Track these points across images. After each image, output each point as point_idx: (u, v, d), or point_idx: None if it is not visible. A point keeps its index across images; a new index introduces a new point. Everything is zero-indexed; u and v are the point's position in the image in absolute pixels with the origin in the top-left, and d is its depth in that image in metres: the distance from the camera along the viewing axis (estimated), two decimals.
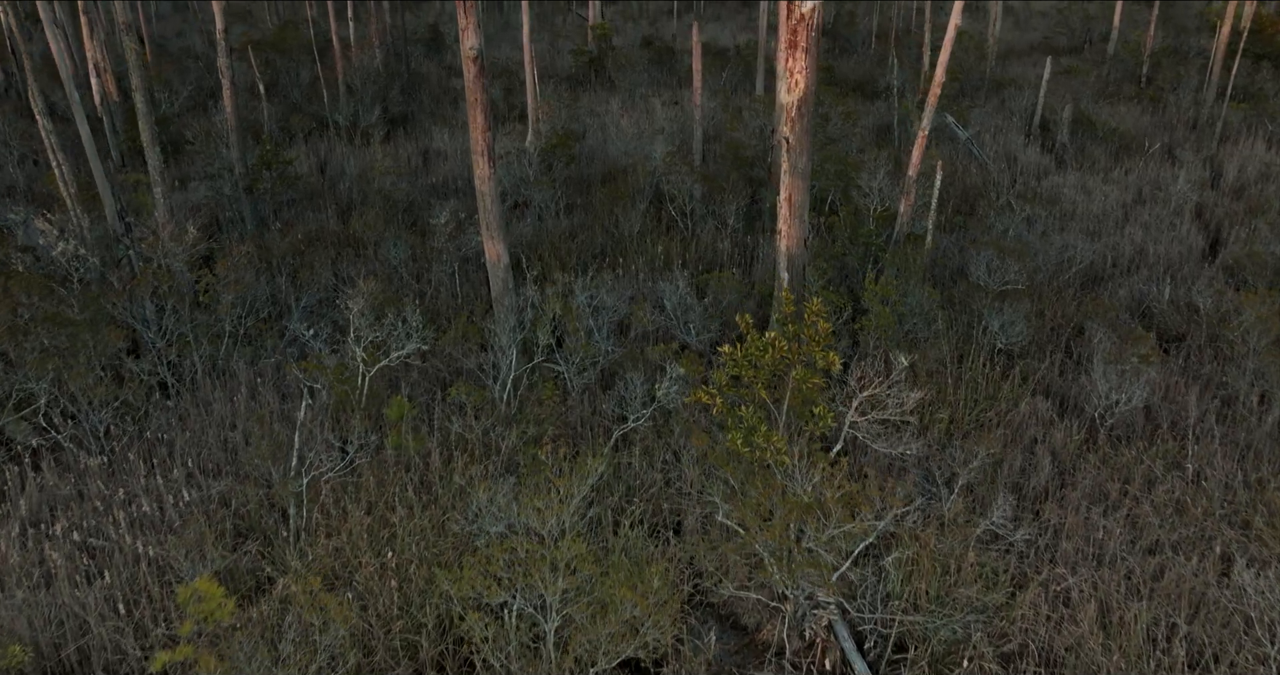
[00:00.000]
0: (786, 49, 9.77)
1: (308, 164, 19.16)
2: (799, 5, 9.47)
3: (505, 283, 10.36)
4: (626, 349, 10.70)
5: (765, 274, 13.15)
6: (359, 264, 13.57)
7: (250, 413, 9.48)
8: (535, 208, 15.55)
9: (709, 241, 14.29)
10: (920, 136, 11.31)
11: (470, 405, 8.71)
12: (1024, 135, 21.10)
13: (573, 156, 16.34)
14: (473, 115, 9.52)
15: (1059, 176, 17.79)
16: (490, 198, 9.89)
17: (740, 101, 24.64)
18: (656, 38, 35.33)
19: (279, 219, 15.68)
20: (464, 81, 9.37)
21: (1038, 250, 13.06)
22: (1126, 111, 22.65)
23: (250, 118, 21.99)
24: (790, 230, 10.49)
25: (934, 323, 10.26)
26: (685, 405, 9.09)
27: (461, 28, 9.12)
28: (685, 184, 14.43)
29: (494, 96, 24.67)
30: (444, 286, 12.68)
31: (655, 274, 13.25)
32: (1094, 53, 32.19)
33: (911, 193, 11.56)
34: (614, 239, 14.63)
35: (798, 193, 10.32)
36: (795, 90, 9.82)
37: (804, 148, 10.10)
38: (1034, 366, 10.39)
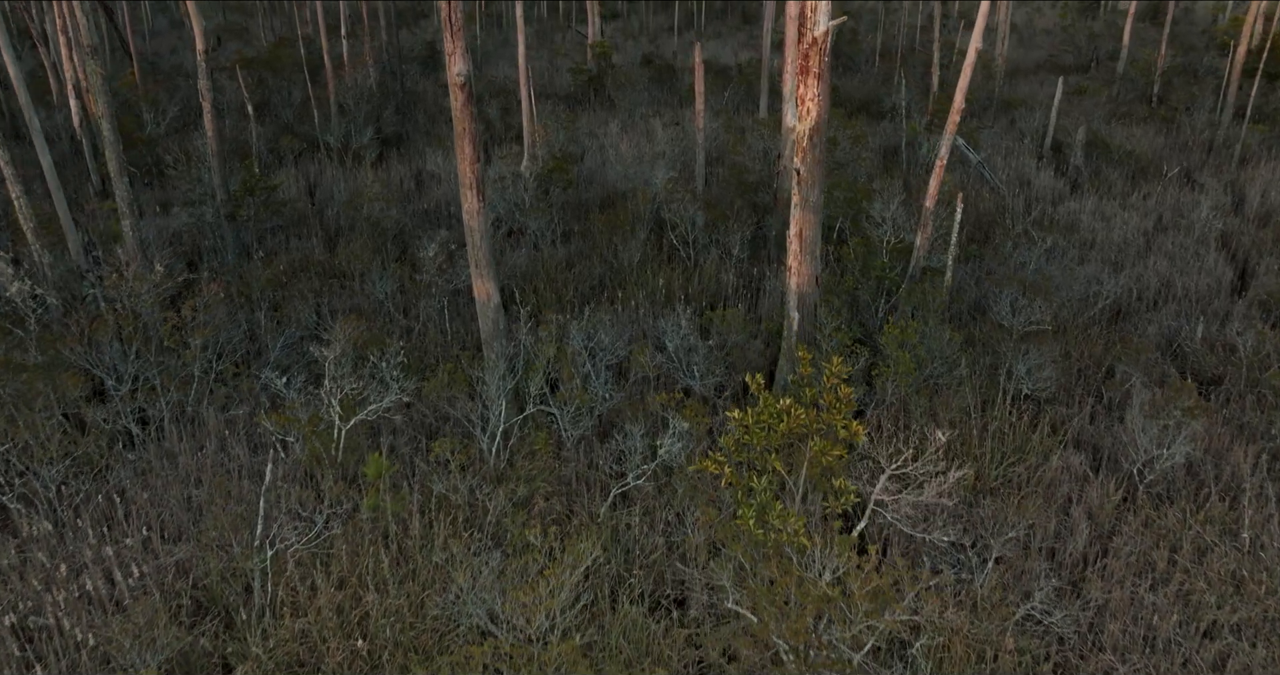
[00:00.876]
0: (798, 75, 9.11)
1: (296, 187, 18.51)
2: (811, 29, 8.82)
3: (496, 323, 9.66)
4: (626, 394, 9.99)
5: (772, 308, 12.45)
6: (344, 297, 12.87)
7: (218, 467, 8.76)
8: (531, 235, 14.87)
9: (712, 272, 13.60)
10: (938, 165, 10.64)
11: (455, 463, 7.98)
12: (1036, 158, 20.47)
13: (570, 181, 15.69)
14: (460, 145, 8.85)
15: (1075, 202, 17.12)
16: (479, 233, 9.21)
17: (743, 121, 24.05)
18: (657, 56, 34.82)
19: (263, 247, 14.99)
20: (451, 109, 8.71)
21: (1060, 284, 12.37)
22: (1140, 133, 22.03)
23: (240, 138, 21.39)
24: (801, 267, 9.81)
25: (956, 367, 9.55)
26: (690, 464, 8.37)
27: (448, 52, 8.46)
28: (687, 212, 13.76)
29: (491, 116, 24.07)
30: (432, 322, 11.98)
31: (656, 308, 12.56)
32: (1102, 72, 31.65)
33: (928, 225, 10.88)
34: (613, 269, 13.94)
35: (809, 227, 9.65)
36: (807, 119, 9.16)
37: (816, 180, 9.43)
38: (1063, 414, 9.68)
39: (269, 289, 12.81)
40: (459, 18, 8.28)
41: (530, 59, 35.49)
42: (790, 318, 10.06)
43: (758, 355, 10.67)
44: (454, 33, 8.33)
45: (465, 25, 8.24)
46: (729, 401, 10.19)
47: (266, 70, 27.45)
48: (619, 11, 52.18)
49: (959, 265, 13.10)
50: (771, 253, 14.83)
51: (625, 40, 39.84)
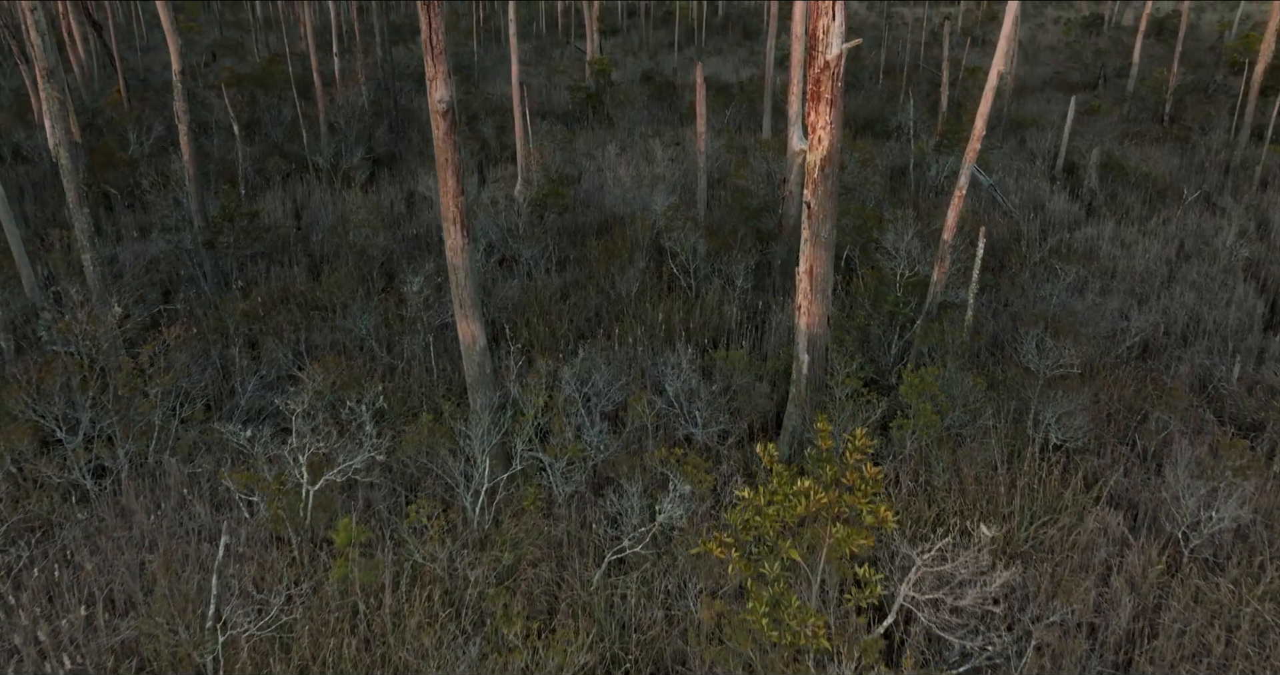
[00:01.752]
0: (808, 101, 8.42)
1: (282, 210, 17.83)
2: (822, 52, 8.14)
3: (482, 368, 8.94)
4: (622, 442, 9.25)
5: (779, 345, 11.74)
6: (325, 331, 12.15)
7: (176, 526, 8.01)
8: (524, 263, 14.17)
9: (714, 304, 12.89)
10: (956, 196, 9.95)
11: (434, 529, 7.24)
12: (1049, 180, 19.81)
13: (566, 206, 15.00)
14: (443, 177, 8.15)
15: (1092, 227, 16.44)
16: (464, 271, 8.50)
17: (745, 140, 23.42)
18: (657, 73, 34.26)
19: (243, 276, 14.29)
20: (433, 138, 8.02)
21: (1085, 319, 11.65)
22: (1154, 153, 21.38)
23: (228, 158, 20.73)
24: (812, 306, 9.09)
25: (980, 416, 8.82)
26: (690, 527, 7.63)
27: (429, 77, 7.78)
28: (688, 240, 13.06)
29: (486, 135, 23.45)
30: (417, 360, 11.25)
31: (655, 344, 11.85)
32: (1111, 89, 31.07)
33: (945, 258, 10.18)
34: (610, 299, 13.24)
35: (820, 264, 8.94)
36: (818, 148, 8.47)
37: (828, 213, 8.73)
38: (1095, 465, 8.94)
39: (244, 323, 12.09)
40: (440, 39, 7.60)
41: (528, 75, 34.98)
42: (800, 360, 9.34)
43: (764, 399, 9.95)
44: (435, 55, 7.65)
45: (449, 46, 7.62)
46: (733, 449, 9.46)
47: (258, 88, 26.87)
48: (619, 27, 51.75)
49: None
50: (777, 281, 14.14)
51: (625, 56, 39.32)
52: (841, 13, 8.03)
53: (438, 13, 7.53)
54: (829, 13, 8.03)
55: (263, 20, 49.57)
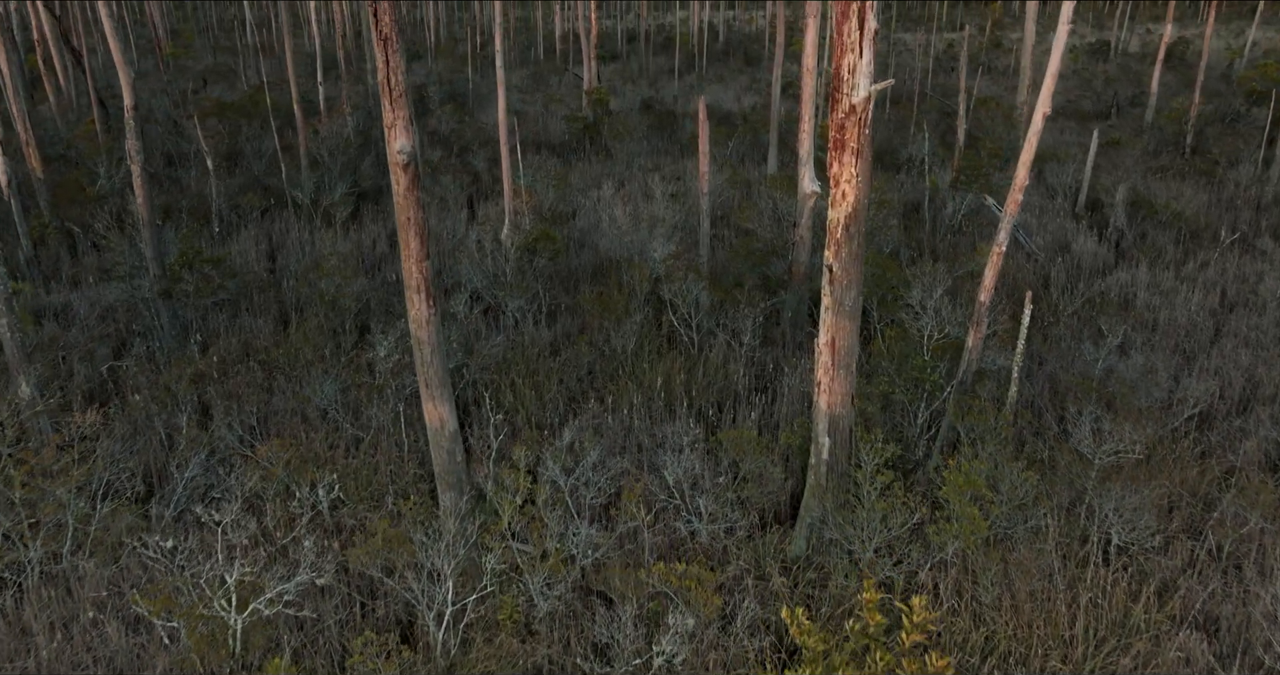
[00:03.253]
0: (831, 150, 7.26)
1: (256, 251, 16.68)
2: (848, 94, 6.99)
3: (452, 455, 7.71)
4: (615, 540, 8.00)
5: (792, 413, 10.51)
6: (287, 395, 10.92)
7: (82, 651, 6.75)
8: (510, 314, 12.98)
9: (719, 362, 11.68)
10: (995, 254, 8.76)
11: (387, 671, 5.97)
12: (1072, 218, 18.68)
13: (558, 251, 13.83)
14: (404, 238, 6.98)
15: (1123, 271, 15.25)
16: (430, 347, 7.29)
17: (749, 174, 22.32)
18: (657, 101, 33.30)
19: (205, 327, 13.09)
20: (393, 193, 6.86)
21: (1134, 384, 10.43)
22: (1181, 189, 20.27)
23: (204, 193, 19.62)
24: (834, 384, 7.88)
25: (1031, 515, 7.58)
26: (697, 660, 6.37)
27: (387, 125, 6.63)
28: (690, 292, 11.87)
29: (478, 168, 22.35)
30: (386, 432, 10.01)
31: (653, 411, 10.62)
32: (1126, 120, 30.07)
33: (982, 322, 8.98)
34: (604, 356, 12.04)
35: (844, 336, 7.74)
36: (842, 204, 7.30)
37: (852, 279, 7.54)
38: (1165, 569, 7.68)
39: (197, 387, 10.88)
40: (400, 80, 6.45)
41: (524, 104, 33.97)
42: (819, 444, 8.12)
43: (777, 485, 8.70)
44: (394, 99, 6.50)
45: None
46: (742, 544, 8.21)
47: (241, 117, 25.84)
48: (619, 53, 50.97)
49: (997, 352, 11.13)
50: (787, 333, 12.95)
51: (624, 84, 38.39)
52: (870, 50, 6.89)
53: (396, 51, 6.38)
54: (855, 49, 6.89)
55: (254, 47, 48.82)
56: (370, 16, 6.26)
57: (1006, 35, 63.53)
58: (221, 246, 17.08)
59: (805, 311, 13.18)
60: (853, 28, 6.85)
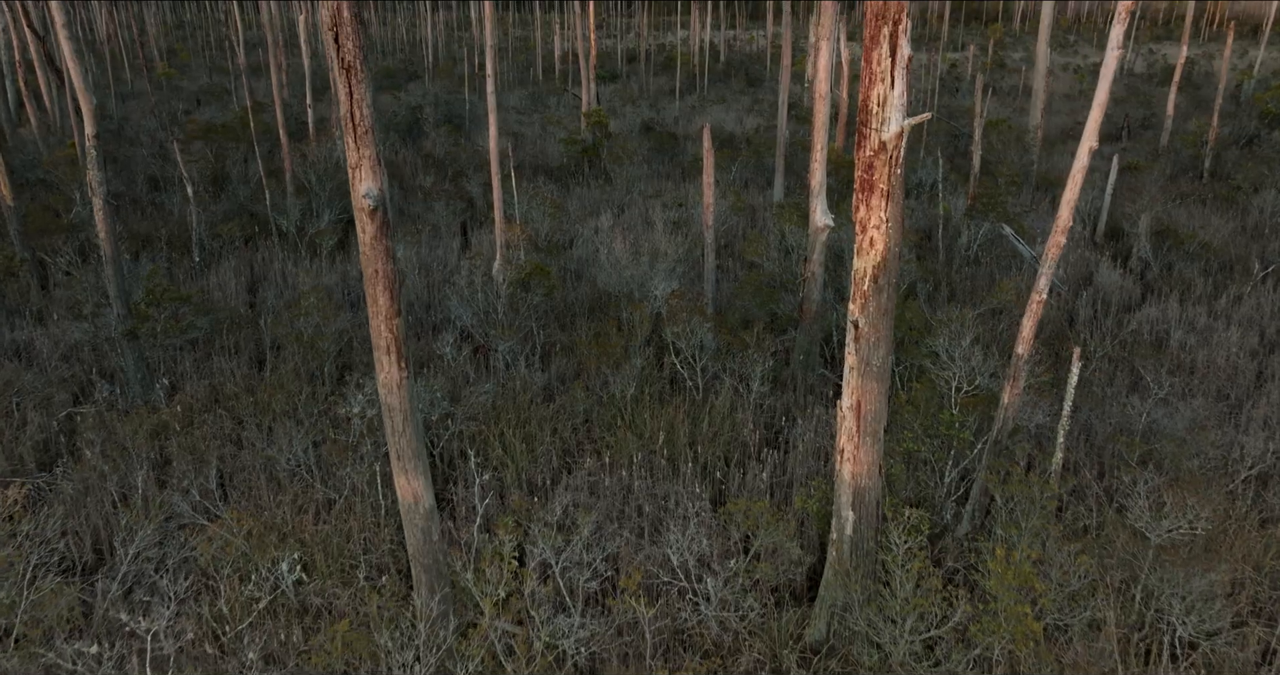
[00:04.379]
0: (859, 191, 6.41)
1: (236, 283, 15.83)
2: (877, 129, 6.15)
3: (427, 534, 6.80)
4: (612, 629, 7.08)
5: (806, 473, 9.61)
6: (257, 449, 10.02)
7: None
8: (501, 356, 12.10)
9: (726, 410, 10.79)
10: (1035, 303, 7.90)
11: None
12: (1091, 247, 17.86)
13: (552, 286, 12.98)
14: (372, 294, 6.11)
15: (1152, 307, 14.40)
16: (402, 414, 6.41)
17: (753, 199, 21.54)
18: (658, 122, 32.61)
19: (174, 369, 12.22)
20: (359, 243, 6.00)
21: (1178, 437, 9.54)
22: (1203, 216, 19.46)
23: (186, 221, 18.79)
24: (859, 453, 6.99)
25: (1087, 605, 6.67)
26: None
27: (351, 166, 5.78)
28: (695, 336, 11.01)
29: (473, 194, 21.55)
30: (360, 494, 9.11)
31: (655, 467, 9.73)
32: (1139, 143, 29.31)
33: (1019, 377, 8.10)
34: (601, 403, 11.15)
35: (871, 399, 6.85)
36: (870, 252, 6.44)
37: (881, 336, 6.67)
38: (1239, 664, 6.76)
39: (157, 439, 9.99)
40: (366, 114, 5.61)
41: (522, 125, 33.23)
42: (841, 518, 7.22)
43: (793, 563, 7.79)
44: (359, 136, 5.65)
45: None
46: (754, 631, 7.30)
47: (230, 140, 25.09)
48: (618, 73, 50.41)
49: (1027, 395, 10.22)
50: (797, 376, 12.08)
51: (624, 105, 37.73)
52: (903, 80, 6.05)
53: (361, 81, 5.54)
54: (885, 79, 6.05)
55: (248, 67, 48.24)
56: (330, 42, 5.45)
57: (1009, 55, 63.07)
58: (201, 277, 16.26)
59: (817, 352, 12.32)
60: (883, 55, 6.01)
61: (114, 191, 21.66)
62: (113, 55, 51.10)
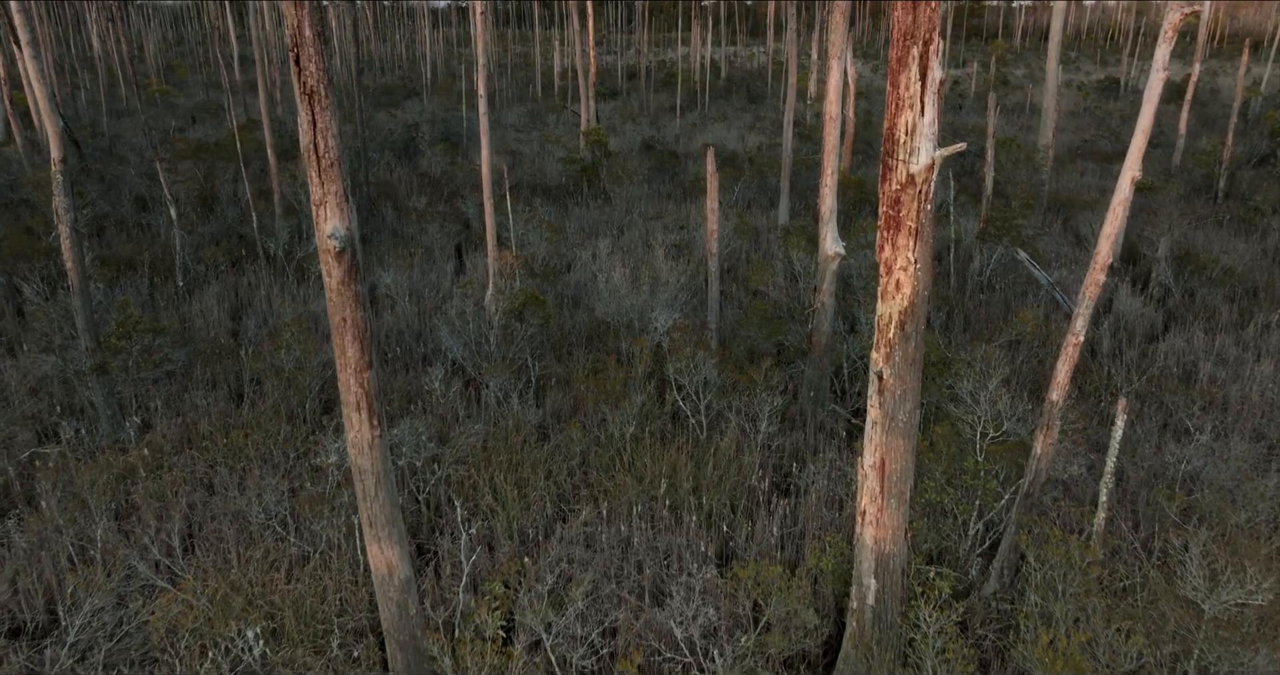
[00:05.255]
0: (883, 229, 5.77)
1: (219, 310, 15.19)
2: (905, 160, 5.51)
3: (403, 609, 6.12)
4: None
5: (819, 526, 8.92)
6: (228, 494, 9.33)
7: None
8: (493, 392, 11.43)
9: (731, 452, 10.11)
10: (1071, 345, 7.24)
11: None
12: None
13: (548, 317, 12.33)
14: (339, 345, 5.46)
15: (1177, 336, 13.73)
16: (374, 477, 5.74)
17: (756, 220, 20.93)
18: (658, 140, 32.08)
19: (147, 405, 11.55)
20: (325, 288, 5.36)
21: (1225, 486, 8.85)
22: (1223, 240, 18.84)
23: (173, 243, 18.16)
24: (882, 516, 6.32)
25: None
26: None
27: (315, 202, 5.14)
28: (698, 373, 10.35)
29: (469, 215, 20.94)
30: (336, 550, 8.41)
31: (655, 518, 9.04)
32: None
33: (1054, 426, 7.43)
34: (598, 442, 10.48)
35: (896, 458, 6.18)
36: (896, 296, 5.79)
37: (908, 388, 6.01)
38: None
39: (119, 487, 9.30)
40: (332, 145, 4.97)
41: (520, 143, 32.68)
42: (862, 586, 6.54)
43: (807, 630, 7.09)
44: (323, 170, 5.01)
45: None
46: None
47: (221, 159, 24.51)
48: (618, 90, 49.99)
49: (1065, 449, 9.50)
50: (806, 412, 11.42)
51: (624, 122, 37.23)
52: (934, 106, 5.42)
53: (326, 108, 4.91)
54: (915, 105, 5.42)
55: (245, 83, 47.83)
56: (291, 64, 4.83)
57: (1011, 71, 62.70)
58: (184, 303, 15.62)
59: (827, 387, 11.66)
60: (911, 78, 5.38)
61: (99, 212, 21.07)
62: (110, 71, 50.72)
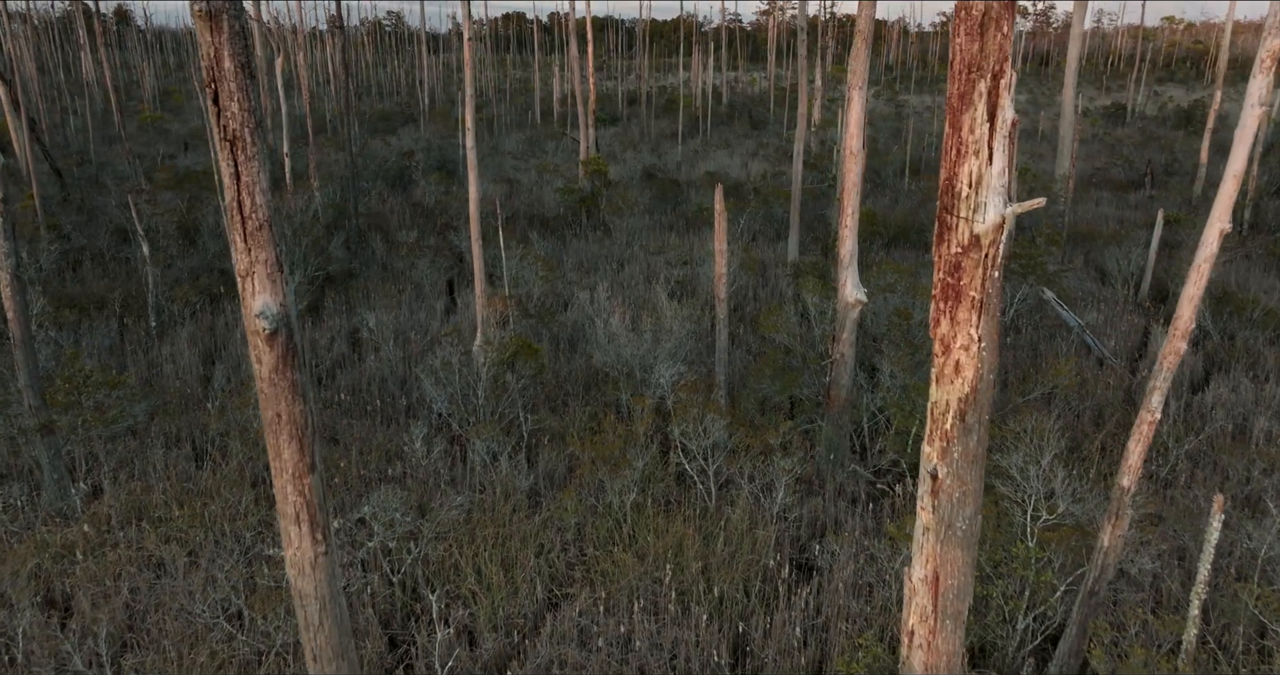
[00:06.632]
0: (940, 300, 4.74)
1: (190, 354, 14.17)
2: (967, 219, 4.50)
3: None
4: None
5: (847, 626, 7.83)
6: (178, 579, 8.26)
7: None
8: (479, 453, 10.37)
9: (744, 526, 9.04)
10: (1147, 422, 6.21)
11: None
12: (1136, 309, 16.24)
13: (542, 366, 11.31)
14: (273, 444, 4.43)
15: (1221, 385, 12.70)
16: (319, 603, 4.69)
17: (763, 253, 19.98)
18: (659, 169, 31.23)
19: (102, 466, 10.49)
20: (256, 377, 4.35)
21: None
22: (1253, 276, 17.88)
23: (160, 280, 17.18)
24: (934, 639, 5.25)
25: None
26: None
27: (240, 273, 4.12)
28: (707, 436, 9.31)
29: (463, 248, 19.96)
30: (295, 652, 7.32)
31: (659, 606, 7.97)
32: (1166, 191, 27.86)
33: (1125, 515, 6.38)
34: (596, 513, 9.42)
35: (952, 572, 5.12)
36: (955, 381, 4.76)
37: (969, 491, 4.96)
38: None
39: (54, 568, 8.23)
40: (261, 203, 3.98)
41: (517, 171, 31.80)
42: None
43: None
44: (249, 233, 4.01)
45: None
46: None
47: (207, 188, 23.63)
48: (619, 116, 49.31)
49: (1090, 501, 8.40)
50: (825, 473, 10.37)
51: (624, 149, 36.43)
52: (1004, 153, 4.42)
53: (252, 157, 3.91)
54: (981, 152, 4.42)
55: None
56: (209, 103, 3.85)
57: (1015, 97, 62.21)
58: (155, 347, 14.61)
59: (847, 447, 10.62)
60: (977, 118, 4.39)
61: (76, 245, 20.14)
62: (105, 97, 50.05)
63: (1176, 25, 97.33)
